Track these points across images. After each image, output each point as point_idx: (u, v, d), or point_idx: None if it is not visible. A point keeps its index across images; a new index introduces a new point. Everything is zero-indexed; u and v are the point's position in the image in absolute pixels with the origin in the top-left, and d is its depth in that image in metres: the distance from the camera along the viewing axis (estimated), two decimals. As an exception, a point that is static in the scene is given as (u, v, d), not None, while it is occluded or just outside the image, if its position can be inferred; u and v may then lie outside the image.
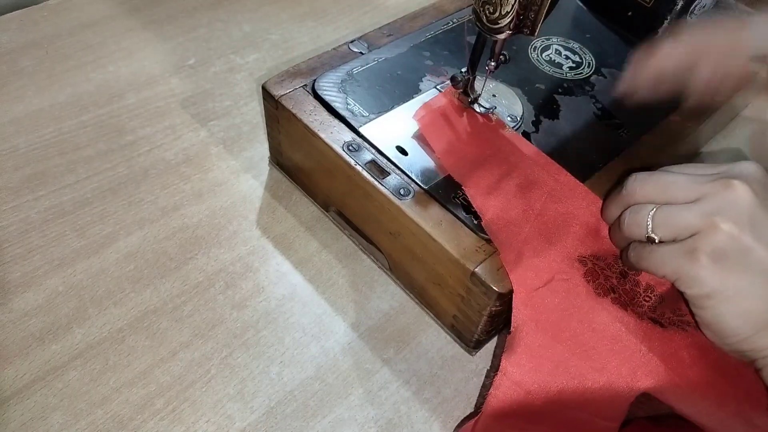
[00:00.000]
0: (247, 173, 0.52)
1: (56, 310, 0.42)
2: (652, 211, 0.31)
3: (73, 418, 0.37)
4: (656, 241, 0.31)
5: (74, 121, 0.53)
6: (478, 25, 0.39)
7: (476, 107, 0.43)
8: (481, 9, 0.38)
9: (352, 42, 0.51)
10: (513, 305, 0.35)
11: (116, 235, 0.46)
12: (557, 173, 0.40)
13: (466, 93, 0.43)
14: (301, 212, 0.50)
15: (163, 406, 0.38)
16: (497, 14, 0.37)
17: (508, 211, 0.38)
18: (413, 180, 0.41)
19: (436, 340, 0.43)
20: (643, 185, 0.33)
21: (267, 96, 0.46)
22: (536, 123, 0.46)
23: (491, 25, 0.38)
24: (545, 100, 0.48)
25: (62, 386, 0.38)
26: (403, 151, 0.42)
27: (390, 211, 0.40)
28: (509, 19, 0.37)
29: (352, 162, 0.42)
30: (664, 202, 0.32)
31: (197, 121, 0.55)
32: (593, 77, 0.51)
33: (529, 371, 0.35)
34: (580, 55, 0.53)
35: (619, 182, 0.36)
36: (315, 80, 0.46)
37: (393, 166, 0.42)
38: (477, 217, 0.39)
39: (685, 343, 0.34)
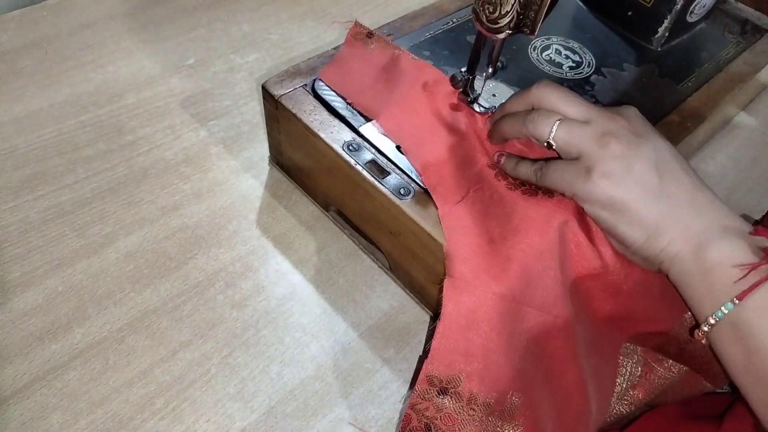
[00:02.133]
0: (246, 173, 0.52)
1: (56, 310, 0.42)
2: (558, 121, 0.36)
3: (73, 418, 0.37)
4: (553, 146, 0.37)
5: (74, 121, 0.53)
6: (478, 24, 0.39)
7: (476, 107, 0.43)
8: (481, 8, 0.38)
9: (351, 42, 0.50)
10: (441, 220, 0.38)
11: (116, 234, 0.46)
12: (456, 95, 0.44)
13: (465, 93, 0.43)
14: (301, 212, 0.50)
15: (163, 405, 0.38)
16: (497, 14, 0.37)
17: (424, 139, 0.42)
18: (413, 180, 0.41)
19: (436, 339, 0.43)
20: (553, 92, 0.37)
21: (267, 96, 0.46)
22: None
23: (491, 25, 0.38)
24: (545, 100, 0.48)
25: (62, 386, 0.38)
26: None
27: (390, 211, 0.40)
28: (509, 19, 0.37)
29: (352, 162, 0.41)
30: (562, 114, 0.37)
31: (197, 121, 0.55)
32: (593, 77, 0.51)
33: (471, 270, 0.37)
34: (580, 55, 0.53)
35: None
36: (315, 80, 0.46)
37: (393, 166, 0.42)
38: None
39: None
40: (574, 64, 0.52)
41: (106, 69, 0.58)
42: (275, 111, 0.46)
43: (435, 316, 0.44)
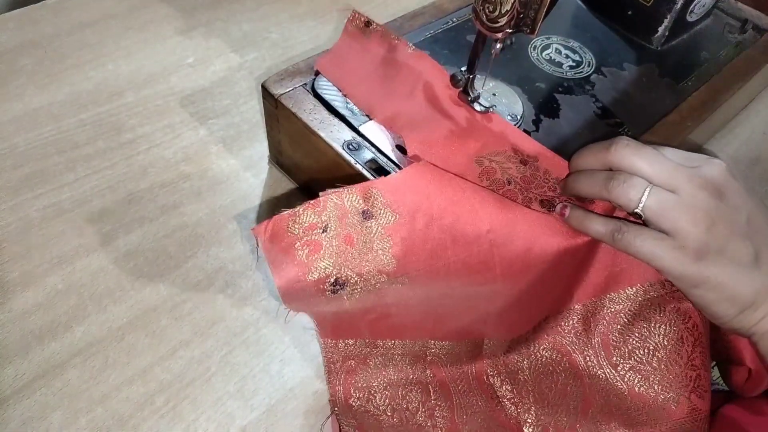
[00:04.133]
0: (246, 172, 0.52)
1: (56, 309, 0.42)
2: (648, 189, 0.33)
3: (73, 416, 0.37)
4: (641, 217, 0.34)
5: (73, 119, 0.53)
6: (478, 23, 0.39)
7: (476, 106, 0.43)
8: (481, 8, 0.38)
9: (351, 41, 0.50)
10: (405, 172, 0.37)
11: (116, 233, 0.46)
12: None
13: (466, 92, 0.43)
14: (301, 211, 0.50)
15: (163, 403, 0.38)
16: (497, 13, 0.37)
17: (418, 126, 0.41)
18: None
19: (436, 338, 0.43)
20: (634, 154, 0.34)
21: (267, 95, 0.46)
22: (536, 122, 0.46)
23: (491, 24, 0.38)
24: (545, 99, 0.49)
25: (62, 385, 0.38)
26: (403, 150, 0.42)
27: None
28: (509, 18, 0.37)
29: (353, 161, 0.41)
30: (645, 178, 0.34)
31: (196, 120, 0.55)
32: (593, 76, 0.52)
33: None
34: (580, 54, 0.53)
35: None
36: (315, 79, 0.46)
37: (393, 165, 0.42)
38: None
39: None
40: (574, 64, 0.52)
41: (106, 68, 0.58)
42: (275, 110, 0.46)
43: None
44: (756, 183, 0.57)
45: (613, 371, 0.38)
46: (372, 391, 0.39)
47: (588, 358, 0.39)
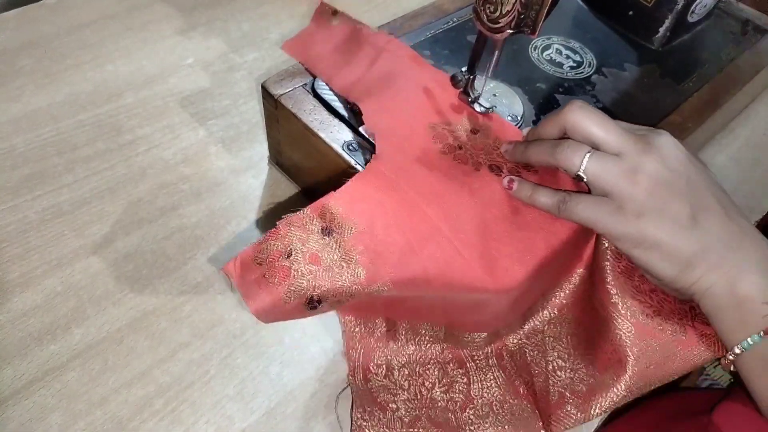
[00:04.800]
0: (246, 173, 0.52)
1: (55, 311, 0.41)
2: (589, 153, 0.35)
3: (72, 419, 0.37)
4: (583, 179, 0.36)
5: (72, 120, 0.53)
6: (479, 24, 0.38)
7: (476, 107, 0.43)
8: (482, 8, 0.37)
9: (351, 41, 0.50)
10: (377, 150, 0.39)
11: (115, 235, 0.46)
12: (418, 61, 0.46)
13: (466, 92, 0.43)
14: (301, 212, 0.49)
15: (162, 406, 0.38)
16: (498, 13, 0.37)
17: (374, 92, 0.43)
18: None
19: (437, 340, 0.43)
20: (585, 116, 0.36)
21: (266, 95, 0.46)
22: (537, 122, 0.46)
23: (492, 24, 0.38)
24: (546, 100, 0.48)
25: (61, 387, 0.38)
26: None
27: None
28: (510, 19, 0.37)
29: (353, 161, 0.41)
30: (596, 142, 0.35)
31: (196, 121, 0.55)
32: (594, 77, 0.51)
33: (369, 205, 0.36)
34: (580, 55, 0.53)
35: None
36: (315, 79, 0.46)
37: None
38: None
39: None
40: (574, 64, 0.52)
41: (105, 68, 0.58)
42: (275, 110, 0.46)
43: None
44: (756, 184, 0.57)
45: (626, 313, 0.38)
46: (390, 367, 0.40)
47: (602, 306, 0.39)
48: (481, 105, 0.43)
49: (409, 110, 0.42)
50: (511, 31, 0.37)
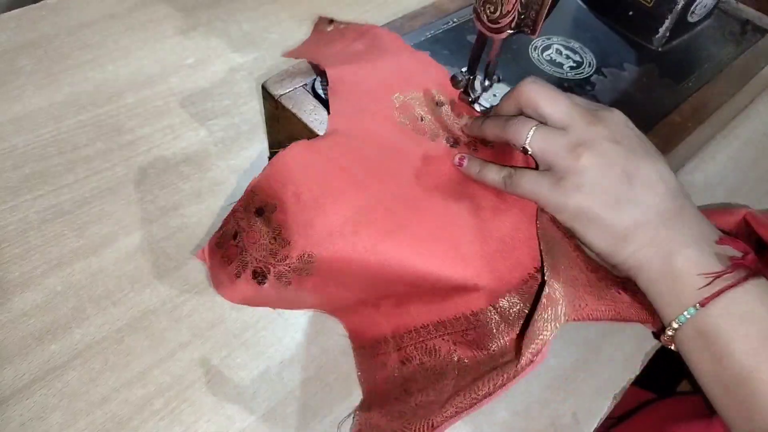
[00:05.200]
0: (246, 173, 0.52)
1: (55, 310, 0.42)
2: (534, 128, 0.36)
3: (73, 418, 0.37)
4: (528, 152, 0.37)
5: (73, 120, 0.53)
6: (479, 24, 0.39)
7: (477, 107, 0.43)
8: (482, 8, 0.38)
9: (352, 41, 0.50)
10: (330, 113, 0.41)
11: (115, 234, 0.46)
12: (398, 42, 0.47)
13: (466, 93, 0.43)
14: (301, 212, 0.49)
15: (162, 406, 0.38)
16: (498, 13, 0.37)
17: (349, 65, 0.44)
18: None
19: (437, 340, 0.43)
20: (535, 92, 0.37)
21: (267, 95, 0.46)
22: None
23: (492, 25, 0.38)
24: (546, 100, 0.48)
25: (61, 386, 0.38)
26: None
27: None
28: (510, 19, 0.37)
29: (353, 161, 0.41)
30: (544, 116, 0.37)
31: (196, 121, 0.55)
32: (594, 77, 0.51)
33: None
34: (580, 55, 0.53)
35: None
36: (315, 79, 0.46)
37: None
38: None
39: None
40: (574, 64, 0.52)
41: (106, 68, 0.58)
42: (275, 111, 0.46)
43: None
44: (756, 183, 0.57)
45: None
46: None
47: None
48: (481, 105, 0.43)
49: (377, 79, 0.43)
50: (511, 31, 0.37)
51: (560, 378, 0.42)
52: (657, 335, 0.37)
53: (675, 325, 0.34)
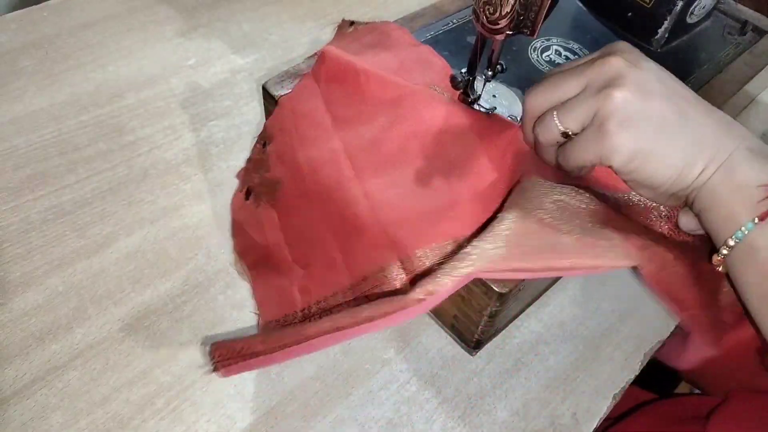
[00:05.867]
0: (247, 173, 0.52)
1: (56, 310, 0.42)
2: (555, 113, 0.35)
3: (74, 418, 0.37)
4: (570, 134, 0.35)
5: (74, 121, 0.53)
6: (478, 25, 0.39)
7: (476, 107, 0.44)
8: (481, 9, 0.38)
9: (352, 42, 0.51)
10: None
11: (116, 235, 0.46)
12: (414, 45, 0.49)
13: (466, 93, 0.43)
14: (301, 212, 0.50)
15: (163, 405, 0.38)
16: (497, 15, 0.37)
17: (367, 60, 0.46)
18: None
19: (437, 340, 0.43)
20: (536, 97, 0.36)
21: (267, 96, 0.46)
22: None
23: (491, 26, 0.38)
24: (545, 101, 0.48)
25: (62, 386, 0.38)
26: None
27: (390, 211, 0.40)
28: (509, 20, 0.37)
29: (353, 162, 0.42)
30: (560, 101, 0.35)
31: (197, 121, 0.55)
32: (593, 78, 0.51)
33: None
34: (580, 56, 0.53)
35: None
36: (315, 80, 0.46)
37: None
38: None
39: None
40: (574, 65, 0.52)
41: (107, 69, 0.58)
42: (275, 111, 0.46)
43: (436, 317, 0.44)
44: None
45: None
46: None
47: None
48: (481, 106, 0.44)
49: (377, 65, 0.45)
50: (510, 33, 0.37)
51: (560, 378, 0.42)
52: (709, 255, 0.35)
53: (731, 243, 0.32)
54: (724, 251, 0.32)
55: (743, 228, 0.31)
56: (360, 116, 0.42)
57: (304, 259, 0.42)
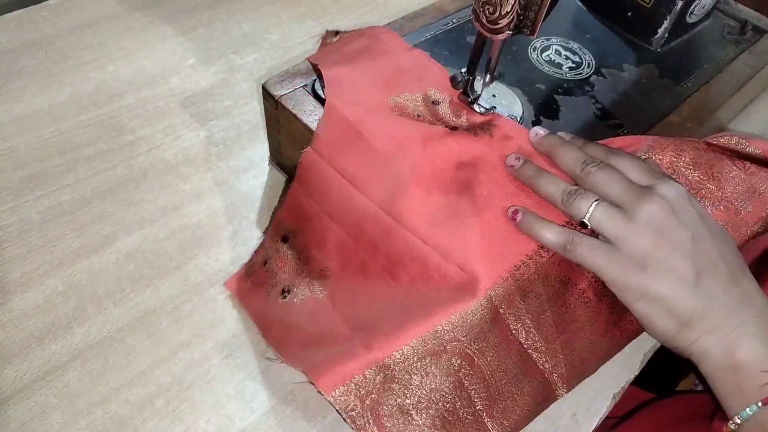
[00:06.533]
0: (247, 173, 0.52)
1: (56, 310, 0.42)
2: (595, 203, 0.36)
3: (73, 418, 0.37)
4: (588, 227, 0.36)
5: (74, 120, 0.53)
6: (478, 25, 0.39)
7: (476, 107, 0.43)
8: (481, 9, 0.38)
9: (352, 42, 0.50)
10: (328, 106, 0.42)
11: (116, 235, 0.46)
12: (407, 50, 0.47)
13: (466, 93, 0.43)
14: (301, 212, 0.50)
15: (163, 405, 0.38)
16: (497, 14, 0.37)
17: (344, 65, 0.45)
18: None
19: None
20: (596, 175, 0.37)
21: (267, 96, 0.46)
22: (536, 123, 0.47)
23: (491, 25, 0.38)
24: (545, 101, 0.49)
25: (62, 386, 0.38)
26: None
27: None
28: (509, 20, 0.37)
29: (352, 162, 0.41)
30: (601, 194, 0.36)
31: (197, 121, 0.55)
32: (593, 77, 0.52)
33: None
34: (579, 56, 0.53)
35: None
36: (315, 80, 0.46)
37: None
38: None
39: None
40: (573, 65, 0.52)
41: (106, 69, 0.58)
42: (275, 111, 0.46)
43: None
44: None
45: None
46: (407, 411, 0.36)
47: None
48: (480, 106, 0.44)
49: (373, 81, 0.44)
50: (510, 32, 0.37)
51: (559, 378, 0.42)
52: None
53: (738, 420, 0.33)
54: (732, 426, 0.34)
55: (748, 409, 0.33)
56: (378, 170, 0.40)
57: (366, 326, 0.39)
